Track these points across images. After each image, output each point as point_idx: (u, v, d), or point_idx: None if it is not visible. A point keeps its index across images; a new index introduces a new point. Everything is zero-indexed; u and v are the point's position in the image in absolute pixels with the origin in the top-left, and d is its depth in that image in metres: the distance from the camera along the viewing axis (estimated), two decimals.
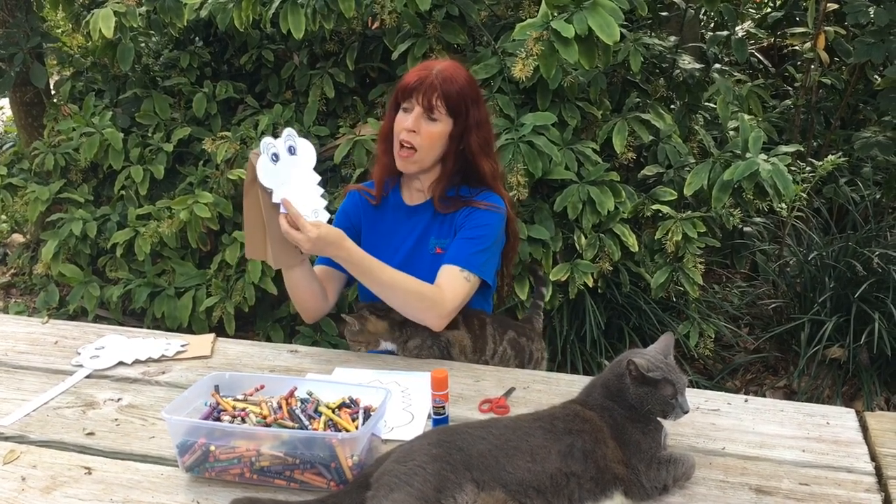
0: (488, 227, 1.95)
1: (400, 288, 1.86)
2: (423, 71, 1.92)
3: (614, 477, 1.31)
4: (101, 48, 3.78)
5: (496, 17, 3.60)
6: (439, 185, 1.99)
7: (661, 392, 1.36)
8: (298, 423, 1.43)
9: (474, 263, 1.91)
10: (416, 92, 1.89)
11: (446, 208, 1.98)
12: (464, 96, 1.91)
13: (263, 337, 3.61)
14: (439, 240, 1.99)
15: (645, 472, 1.33)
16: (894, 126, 3.74)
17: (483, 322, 2.00)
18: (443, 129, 1.91)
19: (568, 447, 1.31)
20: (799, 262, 3.52)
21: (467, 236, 1.94)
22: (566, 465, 1.28)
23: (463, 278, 1.90)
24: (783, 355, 3.44)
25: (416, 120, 1.89)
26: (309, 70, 3.78)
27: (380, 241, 2.04)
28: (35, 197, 3.76)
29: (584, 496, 1.28)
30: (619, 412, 1.38)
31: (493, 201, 1.98)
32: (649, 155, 3.42)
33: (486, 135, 1.98)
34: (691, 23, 4.10)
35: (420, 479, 1.22)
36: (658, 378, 1.36)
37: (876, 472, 1.44)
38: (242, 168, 3.44)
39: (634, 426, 1.36)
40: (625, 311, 3.29)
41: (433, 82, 1.88)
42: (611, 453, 1.32)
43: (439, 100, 1.88)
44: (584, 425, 1.35)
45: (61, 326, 2.14)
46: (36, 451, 1.54)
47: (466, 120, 1.92)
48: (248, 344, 2.06)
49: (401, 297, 1.87)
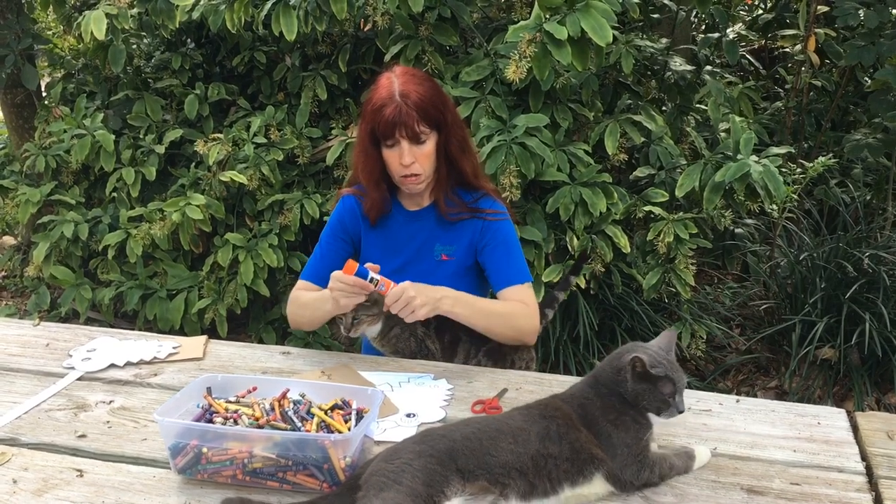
0: (508, 236, 2.02)
1: (502, 314, 1.93)
2: (388, 99, 1.86)
3: (591, 457, 1.32)
4: (93, 50, 3.77)
5: (488, 18, 3.61)
6: (440, 192, 1.99)
7: (660, 389, 1.36)
8: (291, 424, 1.43)
9: (523, 272, 2.01)
10: (396, 128, 1.85)
11: (453, 215, 1.99)
12: (436, 106, 1.90)
13: (256, 339, 3.60)
14: (445, 247, 2.01)
15: (620, 465, 1.34)
16: (884, 128, 3.75)
17: (456, 338, 2.00)
18: (432, 144, 1.92)
19: (545, 429, 1.33)
20: (790, 263, 3.54)
21: (502, 254, 2.00)
22: (544, 446, 1.31)
23: (527, 289, 2.00)
24: (774, 356, 3.45)
25: (409, 153, 1.88)
26: (301, 72, 3.78)
27: (379, 246, 2.04)
28: (26, 199, 3.75)
29: (562, 476, 1.30)
30: (594, 403, 1.39)
31: (497, 208, 2.02)
32: (641, 156, 3.43)
33: (461, 133, 2.00)
34: (683, 25, 4.11)
35: (408, 475, 1.22)
36: (660, 375, 1.36)
37: (866, 472, 1.44)
38: (234, 170, 3.44)
39: (606, 418, 1.36)
40: (617, 312, 3.30)
41: (406, 111, 1.84)
42: (584, 437, 1.34)
43: (420, 124, 1.86)
44: (555, 412, 1.37)
45: (53, 328, 2.13)
46: (27, 454, 1.53)
47: (446, 124, 1.93)
48: (241, 346, 2.05)
49: (506, 322, 1.93)
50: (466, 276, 2.04)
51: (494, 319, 1.92)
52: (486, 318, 1.91)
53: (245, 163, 3.48)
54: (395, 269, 2.00)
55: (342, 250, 2.06)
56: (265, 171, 3.49)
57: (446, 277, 2.01)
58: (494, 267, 2.01)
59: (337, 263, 2.03)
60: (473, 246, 2.01)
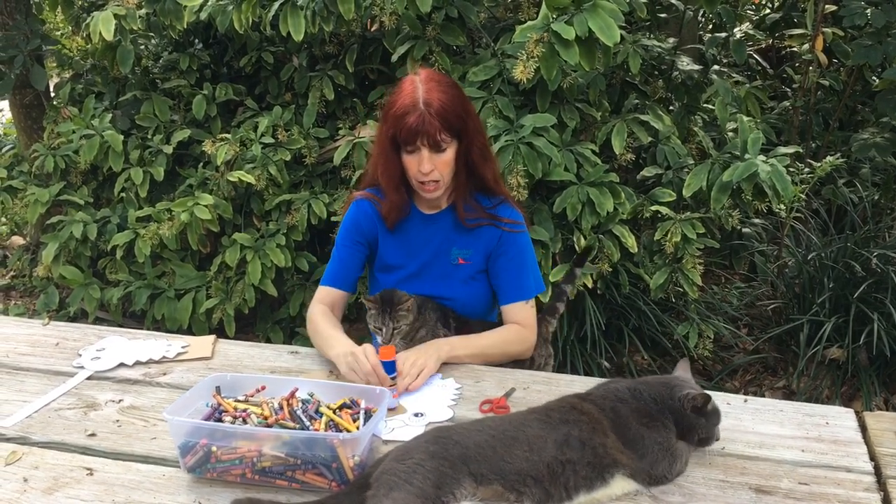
0: (523, 248, 2.04)
1: (495, 346, 1.98)
2: (411, 106, 1.85)
3: (614, 461, 1.33)
4: (101, 50, 3.78)
5: (495, 18, 3.61)
6: (459, 198, 1.99)
7: (710, 422, 1.44)
8: (300, 423, 1.44)
9: (529, 289, 2.05)
10: (418, 136, 1.84)
11: (471, 221, 2.00)
12: (458, 114, 1.89)
13: (263, 338, 3.61)
14: (462, 250, 2.02)
15: (651, 461, 1.36)
16: (892, 127, 3.74)
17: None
18: (452, 151, 1.91)
19: (564, 436, 1.33)
20: (798, 262, 3.53)
21: (514, 267, 2.02)
22: (562, 453, 1.31)
23: (529, 307, 2.04)
24: (782, 356, 3.44)
25: (428, 161, 1.87)
26: (308, 72, 3.79)
27: (396, 249, 2.05)
28: (35, 199, 3.76)
29: (579, 483, 1.30)
30: (629, 405, 1.42)
31: (515, 217, 2.03)
32: (648, 156, 3.42)
33: (482, 140, 2.00)
34: (690, 24, 4.11)
35: (419, 476, 1.22)
36: (711, 409, 1.44)
37: (875, 472, 1.44)
38: (242, 170, 3.45)
39: (640, 420, 1.38)
40: (624, 312, 3.30)
41: (429, 120, 1.83)
42: (611, 443, 1.34)
43: (441, 133, 1.86)
44: (580, 416, 1.37)
45: (62, 328, 2.14)
46: (38, 453, 1.54)
47: (468, 133, 1.93)
48: (249, 345, 2.06)
49: (500, 351, 1.98)
50: (481, 280, 2.05)
51: (489, 351, 1.97)
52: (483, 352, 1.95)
53: (253, 163, 3.49)
54: (412, 272, 2.01)
55: (360, 253, 2.07)
56: (273, 172, 3.49)
57: (461, 281, 2.02)
58: (503, 280, 2.03)
59: (355, 268, 2.05)
60: (489, 252, 2.02)
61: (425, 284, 2.01)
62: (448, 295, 2.02)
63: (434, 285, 2.01)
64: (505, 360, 2.00)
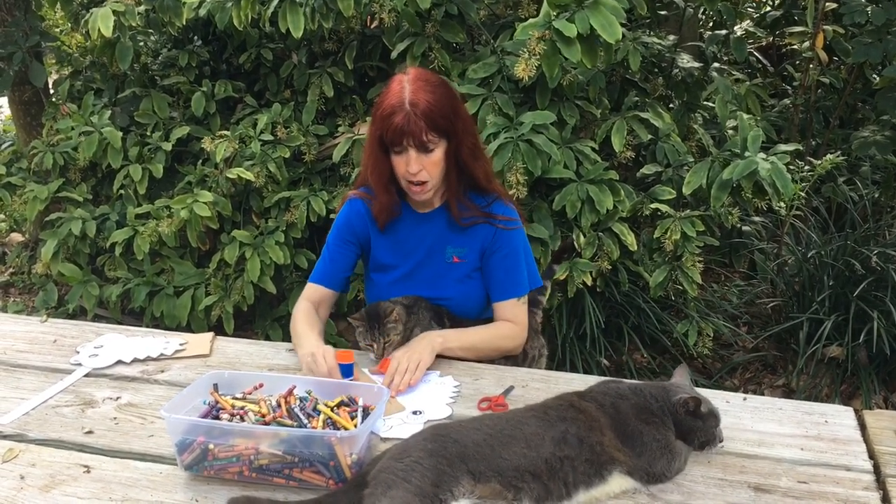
0: (518, 245, 2.03)
1: (487, 341, 1.99)
2: (397, 106, 1.83)
3: (611, 459, 1.33)
4: (100, 47, 3.77)
5: (495, 16, 3.60)
6: (452, 197, 1.98)
7: (707, 424, 1.44)
8: (297, 421, 1.43)
9: (521, 285, 2.04)
10: (404, 137, 1.83)
11: (466, 220, 1.99)
12: (445, 114, 1.87)
13: (262, 336, 3.61)
14: (457, 249, 2.02)
15: (650, 459, 1.35)
16: (892, 125, 3.73)
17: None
18: (440, 152, 1.90)
19: (561, 433, 1.33)
20: (798, 260, 3.52)
21: (508, 265, 2.01)
22: (559, 449, 1.31)
23: (521, 304, 2.04)
24: (782, 354, 3.44)
25: (416, 161, 1.87)
26: (308, 69, 3.78)
27: (389, 249, 2.04)
28: (34, 196, 3.76)
29: (578, 479, 1.30)
30: (629, 401, 1.43)
31: (510, 215, 2.02)
32: (648, 154, 3.41)
33: (472, 139, 1.99)
34: (690, 22, 4.10)
35: (417, 474, 1.22)
36: (706, 411, 1.45)
37: (874, 470, 1.44)
38: (241, 167, 3.44)
39: (640, 417, 1.39)
40: (624, 310, 3.30)
41: (414, 120, 1.82)
42: (608, 441, 1.34)
43: (428, 133, 1.84)
44: (578, 414, 1.38)
45: (60, 325, 2.14)
46: (35, 450, 1.54)
47: (456, 133, 1.92)
48: (247, 342, 2.06)
49: (491, 346, 1.99)
50: (476, 279, 2.04)
51: (480, 345, 1.98)
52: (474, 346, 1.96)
53: (252, 160, 3.49)
54: (406, 272, 2.01)
55: (351, 253, 2.06)
56: (272, 169, 3.49)
57: (456, 280, 2.01)
58: (496, 277, 2.02)
59: (344, 267, 2.05)
60: (483, 250, 2.01)
61: (420, 284, 2.01)
62: (443, 294, 2.01)
63: (429, 285, 2.01)
64: (496, 355, 2.00)
